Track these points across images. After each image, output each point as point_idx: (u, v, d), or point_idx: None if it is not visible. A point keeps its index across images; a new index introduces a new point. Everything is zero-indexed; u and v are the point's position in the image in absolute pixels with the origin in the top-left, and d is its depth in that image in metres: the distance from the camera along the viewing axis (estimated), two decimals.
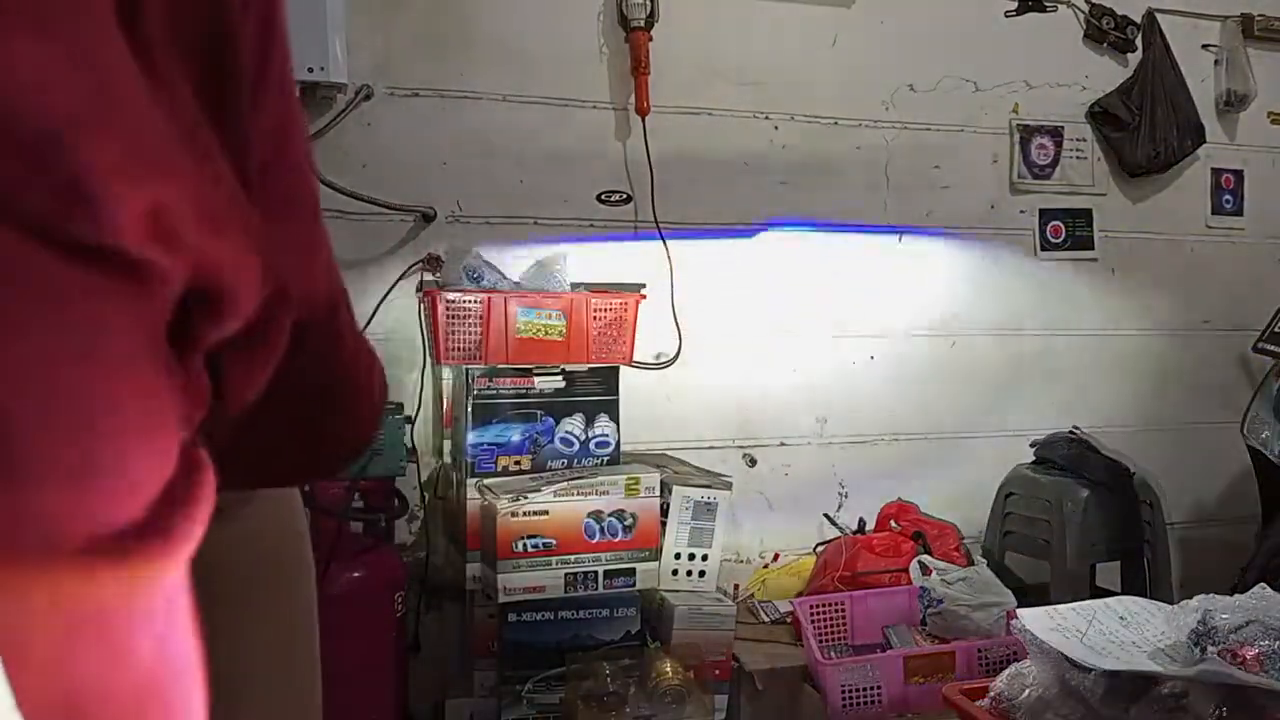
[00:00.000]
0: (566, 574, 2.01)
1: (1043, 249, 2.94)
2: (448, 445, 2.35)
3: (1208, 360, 3.09)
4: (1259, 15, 3.08)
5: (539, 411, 2.13)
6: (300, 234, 0.42)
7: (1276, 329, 2.75)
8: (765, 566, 2.63)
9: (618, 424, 2.18)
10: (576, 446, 2.15)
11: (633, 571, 2.06)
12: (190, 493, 0.34)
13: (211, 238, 0.33)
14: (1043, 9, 2.91)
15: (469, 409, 2.09)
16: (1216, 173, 3.12)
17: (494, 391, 2.10)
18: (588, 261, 2.46)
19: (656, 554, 2.08)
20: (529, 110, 2.49)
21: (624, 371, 2.23)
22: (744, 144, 2.66)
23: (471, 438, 2.09)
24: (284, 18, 0.38)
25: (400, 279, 2.36)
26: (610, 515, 2.04)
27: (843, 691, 2.02)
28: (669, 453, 2.46)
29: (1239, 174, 3.15)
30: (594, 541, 2.03)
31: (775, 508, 2.68)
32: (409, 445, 2.18)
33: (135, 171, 0.30)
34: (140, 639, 0.33)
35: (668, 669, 1.97)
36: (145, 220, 0.30)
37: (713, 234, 2.62)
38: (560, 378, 2.14)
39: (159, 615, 0.33)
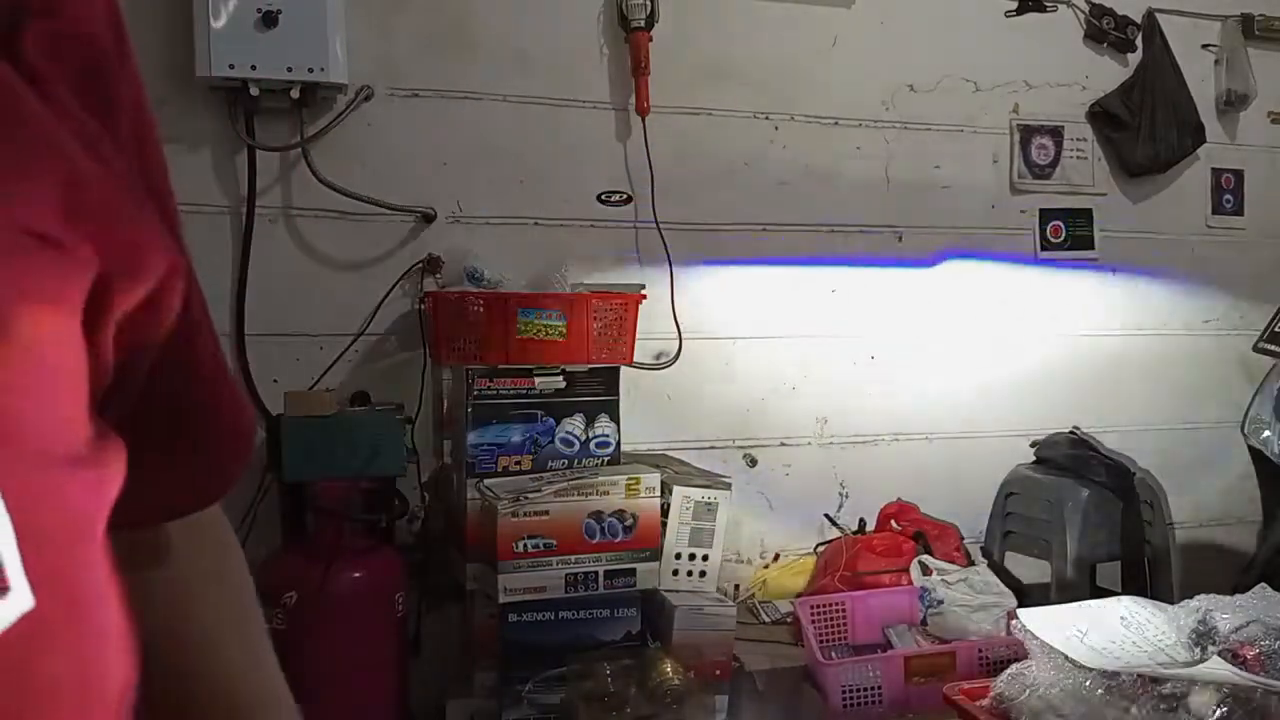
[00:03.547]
0: (567, 574, 2.01)
1: (1043, 249, 2.94)
2: (448, 445, 2.35)
3: (1208, 360, 3.09)
4: (1259, 15, 3.08)
5: (539, 412, 2.13)
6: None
7: (1277, 329, 2.75)
8: (766, 567, 2.63)
9: (618, 424, 2.18)
10: (577, 447, 2.15)
11: (633, 572, 2.06)
12: (104, 453, 0.38)
13: (114, 215, 0.37)
14: (1043, 9, 2.91)
15: (469, 409, 2.09)
16: (1216, 173, 3.12)
17: (494, 392, 2.10)
18: (588, 261, 2.46)
19: (657, 554, 2.08)
20: (529, 110, 2.49)
21: (624, 371, 2.23)
22: (744, 144, 2.66)
23: (472, 438, 2.09)
24: (132, 50, 0.43)
25: (400, 279, 2.36)
26: (610, 515, 2.04)
27: (843, 692, 2.02)
28: (669, 453, 2.46)
29: (1239, 174, 3.15)
30: (594, 542, 2.03)
31: (775, 508, 2.68)
32: (409, 445, 2.18)
33: (38, 157, 0.34)
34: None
35: (668, 669, 1.97)
36: (59, 200, 0.34)
37: (713, 234, 2.62)
38: (560, 378, 2.14)
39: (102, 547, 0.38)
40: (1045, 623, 1.44)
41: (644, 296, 2.29)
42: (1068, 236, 2.96)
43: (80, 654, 0.36)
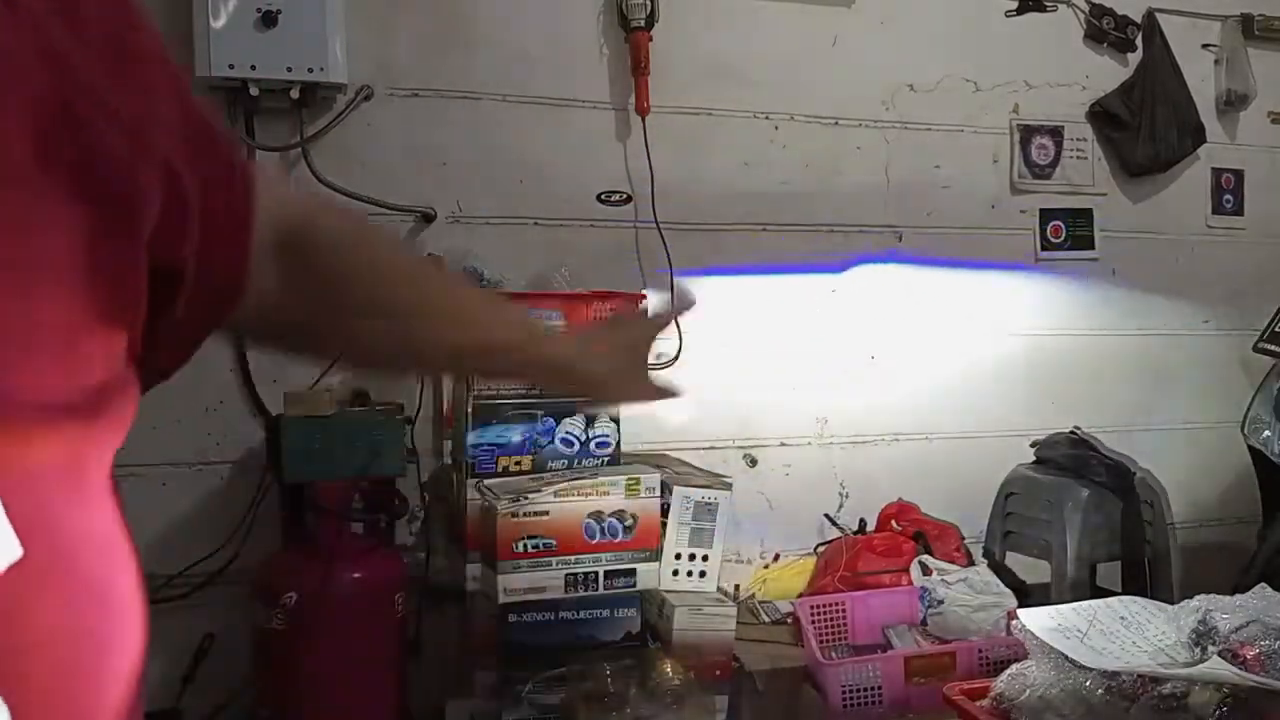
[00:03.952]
0: (567, 574, 2.01)
1: (1043, 249, 2.94)
2: (448, 446, 2.35)
3: (1208, 360, 3.08)
4: (1259, 15, 3.08)
5: (539, 412, 2.12)
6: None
7: (1277, 329, 2.75)
8: (766, 567, 2.63)
9: (618, 424, 2.18)
10: (577, 447, 2.15)
11: (633, 572, 2.06)
12: (104, 401, 0.37)
13: (99, 155, 0.37)
14: (1043, 9, 2.91)
15: (469, 409, 2.09)
16: (1216, 173, 3.12)
17: (494, 392, 2.10)
18: (588, 262, 2.46)
19: (657, 554, 2.08)
20: (529, 110, 2.48)
21: None
22: (744, 144, 2.66)
23: (472, 438, 2.09)
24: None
25: None
26: (610, 516, 2.04)
27: (843, 692, 2.01)
28: (669, 453, 2.46)
29: (1239, 174, 3.15)
30: (594, 542, 2.03)
31: (776, 508, 2.68)
32: (409, 446, 2.18)
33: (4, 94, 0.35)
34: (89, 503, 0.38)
35: (668, 669, 1.97)
36: (31, 145, 0.34)
37: (713, 233, 2.62)
38: None
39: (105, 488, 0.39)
40: (1045, 623, 1.44)
41: (644, 297, 2.29)
42: (1068, 236, 2.96)
43: (76, 603, 0.36)
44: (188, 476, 2.27)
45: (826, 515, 2.68)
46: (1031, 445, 2.71)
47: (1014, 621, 1.54)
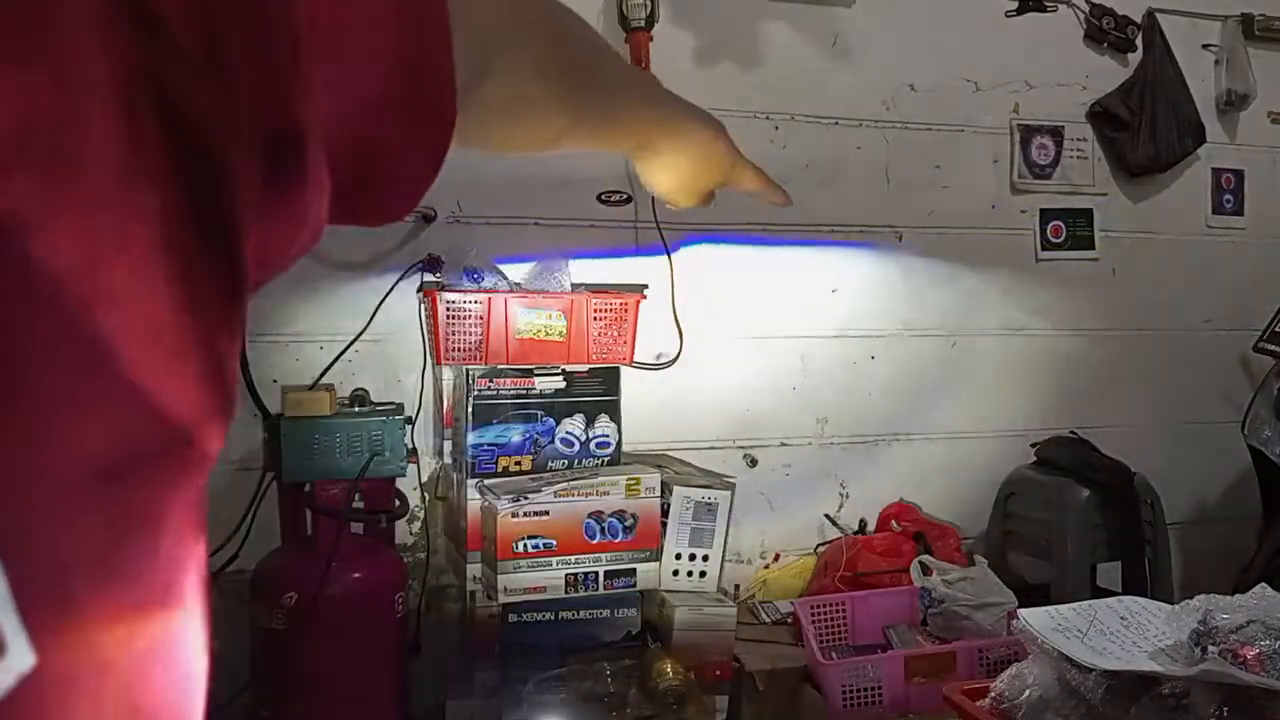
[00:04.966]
0: (567, 574, 2.01)
1: (1043, 249, 2.94)
2: (448, 446, 2.35)
3: (1208, 360, 3.08)
4: (1259, 15, 3.08)
5: (539, 412, 2.13)
6: None
7: (1277, 329, 2.75)
8: (766, 567, 2.63)
9: (618, 424, 2.18)
10: (577, 447, 2.15)
11: (633, 572, 2.06)
12: (158, 463, 0.29)
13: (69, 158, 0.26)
14: (1043, 9, 2.91)
15: (469, 409, 2.09)
16: (1217, 173, 3.12)
17: (494, 392, 2.10)
18: (588, 262, 2.46)
19: (657, 554, 2.08)
20: None
21: (624, 372, 2.23)
22: (744, 144, 2.63)
23: (472, 438, 2.09)
24: None
25: (400, 279, 2.36)
26: (611, 516, 2.04)
27: (843, 692, 2.02)
28: (669, 453, 2.46)
29: (1239, 174, 3.15)
30: (594, 542, 2.03)
31: (776, 508, 2.68)
32: (409, 445, 2.18)
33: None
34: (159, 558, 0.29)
35: (668, 670, 1.97)
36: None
37: (713, 234, 2.62)
38: (561, 378, 2.14)
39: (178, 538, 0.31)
40: (1046, 623, 1.44)
41: (645, 297, 2.29)
42: (1068, 236, 2.96)
43: None
44: None
45: (826, 515, 2.68)
46: (1031, 445, 2.71)
47: (1014, 621, 1.54)
